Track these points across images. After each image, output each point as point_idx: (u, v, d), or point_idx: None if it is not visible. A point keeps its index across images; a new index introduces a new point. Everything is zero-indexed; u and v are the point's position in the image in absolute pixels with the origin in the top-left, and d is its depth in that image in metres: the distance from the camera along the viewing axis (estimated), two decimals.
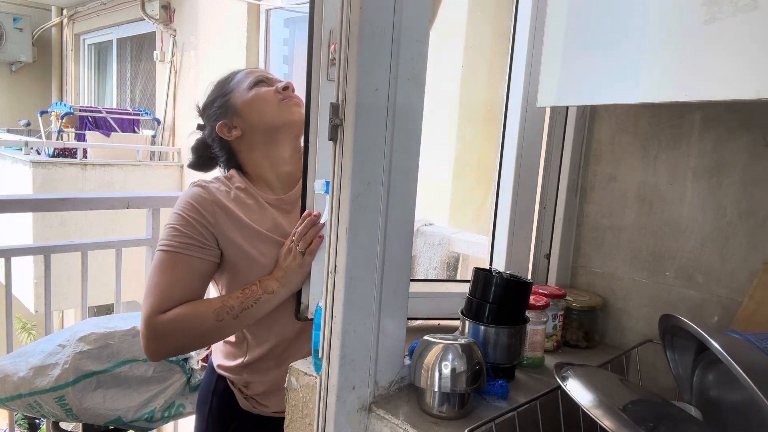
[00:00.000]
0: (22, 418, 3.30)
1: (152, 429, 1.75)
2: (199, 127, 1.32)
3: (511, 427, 0.77)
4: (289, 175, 1.26)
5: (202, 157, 1.33)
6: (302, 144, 1.29)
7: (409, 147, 0.82)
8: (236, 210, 1.18)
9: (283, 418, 1.25)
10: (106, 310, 4.88)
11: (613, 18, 0.78)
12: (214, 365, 1.31)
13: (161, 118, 6.36)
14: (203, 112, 1.29)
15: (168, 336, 1.09)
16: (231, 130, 1.23)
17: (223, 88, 1.26)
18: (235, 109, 1.22)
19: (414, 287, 0.90)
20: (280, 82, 1.24)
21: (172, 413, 1.66)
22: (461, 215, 2.62)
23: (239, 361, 1.25)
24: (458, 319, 0.94)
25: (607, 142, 1.15)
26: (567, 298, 1.10)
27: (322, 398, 0.82)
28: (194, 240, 1.13)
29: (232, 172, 1.26)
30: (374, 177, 0.79)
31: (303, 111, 1.22)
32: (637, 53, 0.75)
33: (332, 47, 0.98)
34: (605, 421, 0.63)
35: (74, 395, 1.57)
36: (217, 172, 1.33)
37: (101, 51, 8.53)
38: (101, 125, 6.40)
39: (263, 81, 1.24)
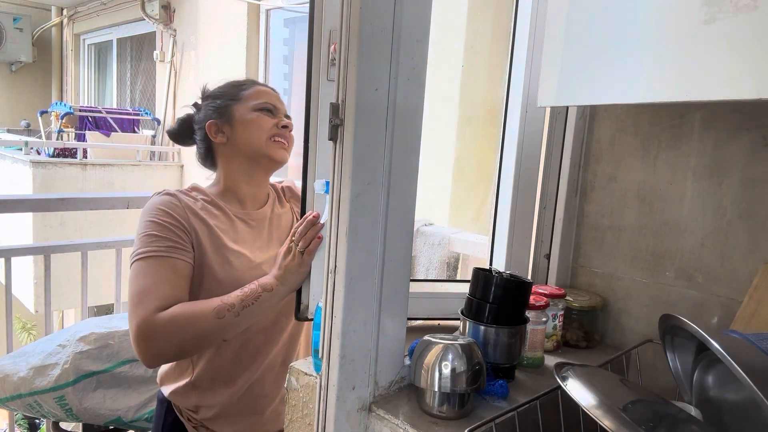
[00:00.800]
0: (22, 418, 3.31)
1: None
2: (195, 105, 1.33)
3: (511, 427, 0.77)
4: (260, 194, 1.30)
5: (181, 133, 1.34)
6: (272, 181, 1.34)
7: (409, 147, 0.82)
8: (206, 217, 1.19)
9: None
10: (106, 310, 4.87)
11: (613, 18, 0.78)
12: (164, 395, 1.28)
13: (161, 118, 6.36)
14: (205, 98, 1.31)
15: (168, 336, 1.06)
16: (217, 134, 1.25)
17: (233, 91, 1.27)
18: (231, 118, 1.24)
19: (414, 287, 0.90)
20: (286, 118, 1.27)
21: None
22: (461, 215, 2.62)
23: (186, 380, 1.23)
24: (458, 319, 0.94)
25: (607, 142, 1.15)
26: (567, 298, 1.10)
27: (322, 398, 0.82)
28: (174, 243, 1.12)
29: (195, 185, 1.28)
30: (374, 177, 0.79)
31: (287, 155, 1.27)
32: (637, 53, 0.75)
33: (332, 47, 0.98)
34: (605, 421, 0.63)
35: (74, 395, 1.57)
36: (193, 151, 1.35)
37: (101, 51, 8.53)
38: (101, 125, 6.40)
39: (270, 110, 1.25)
